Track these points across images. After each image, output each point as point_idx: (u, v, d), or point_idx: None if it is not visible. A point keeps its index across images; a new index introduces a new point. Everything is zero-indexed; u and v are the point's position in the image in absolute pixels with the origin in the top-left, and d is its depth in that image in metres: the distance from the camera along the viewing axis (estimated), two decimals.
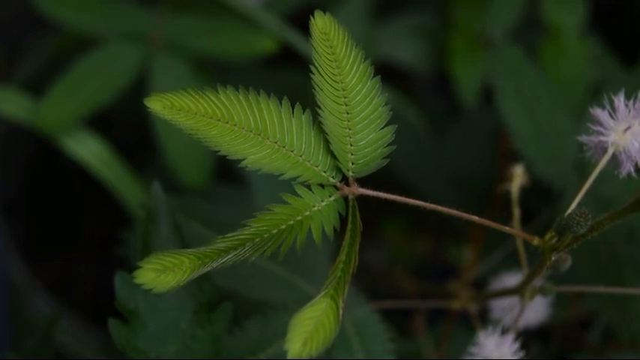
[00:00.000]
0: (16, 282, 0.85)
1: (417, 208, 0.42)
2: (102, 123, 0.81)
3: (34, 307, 0.84)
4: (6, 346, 0.83)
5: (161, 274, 0.37)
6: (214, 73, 0.81)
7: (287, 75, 0.85)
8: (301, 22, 0.79)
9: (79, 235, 0.99)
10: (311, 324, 0.37)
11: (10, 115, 0.77)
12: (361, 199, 0.41)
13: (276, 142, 0.40)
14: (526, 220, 0.58)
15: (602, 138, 0.41)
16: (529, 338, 0.60)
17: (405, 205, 0.42)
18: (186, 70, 0.78)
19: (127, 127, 0.89)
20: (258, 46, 0.78)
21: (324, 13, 0.43)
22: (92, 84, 0.77)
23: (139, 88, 0.77)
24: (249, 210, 0.67)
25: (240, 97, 0.40)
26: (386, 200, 0.41)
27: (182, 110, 0.39)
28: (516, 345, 0.49)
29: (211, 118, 0.39)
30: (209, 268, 0.38)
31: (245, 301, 0.56)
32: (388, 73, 0.87)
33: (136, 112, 0.75)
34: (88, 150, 0.77)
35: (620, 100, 0.42)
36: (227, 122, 0.40)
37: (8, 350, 0.81)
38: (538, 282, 0.49)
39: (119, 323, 0.47)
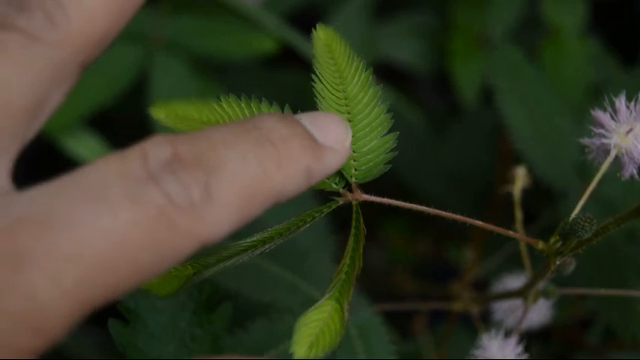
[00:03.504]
0: None
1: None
2: (102, 122, 0.81)
3: None
4: None
5: (166, 280, 0.37)
6: (214, 73, 0.81)
7: (287, 75, 0.85)
8: (301, 22, 0.79)
9: None
10: (317, 327, 0.37)
11: None
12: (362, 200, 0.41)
13: None
14: (527, 220, 0.58)
15: (604, 140, 0.41)
16: (529, 338, 0.60)
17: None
18: (186, 70, 0.78)
19: (128, 126, 0.89)
20: (258, 46, 0.78)
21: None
22: (92, 84, 0.77)
23: (140, 87, 0.77)
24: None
25: (243, 105, 0.40)
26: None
27: (185, 119, 0.39)
28: (519, 347, 0.49)
29: (213, 124, 0.40)
30: (210, 273, 0.39)
31: (248, 303, 0.56)
32: (388, 73, 0.87)
33: (136, 111, 0.75)
34: (89, 150, 0.77)
35: (621, 102, 0.41)
36: None
37: None
38: (541, 284, 0.49)
39: (119, 323, 0.47)
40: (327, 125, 0.38)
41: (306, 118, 0.37)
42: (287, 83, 0.83)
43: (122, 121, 0.89)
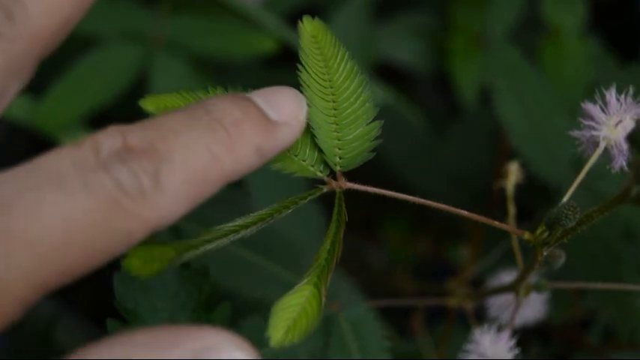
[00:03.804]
0: None
1: (417, 208, 0.42)
2: (102, 122, 0.81)
3: (35, 307, 0.84)
4: (6, 346, 0.83)
5: (147, 262, 0.37)
6: (214, 73, 0.81)
7: (287, 75, 0.85)
8: None
9: None
10: (294, 311, 0.37)
11: (10, 115, 0.77)
12: (362, 201, 0.42)
13: None
14: (525, 218, 0.58)
15: (593, 132, 0.42)
16: (529, 338, 0.60)
17: (406, 205, 0.42)
18: (186, 70, 0.78)
19: None
20: (258, 46, 0.78)
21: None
22: (92, 84, 0.77)
23: (140, 87, 0.77)
24: (248, 209, 0.67)
25: None
26: (386, 201, 0.42)
27: (165, 103, 0.40)
28: (512, 342, 0.49)
29: None
30: (193, 256, 0.39)
31: (244, 301, 0.57)
32: (388, 73, 0.87)
33: (136, 111, 0.75)
34: None
35: (611, 95, 0.42)
36: None
37: (8, 350, 0.81)
38: (534, 279, 0.49)
39: (118, 323, 0.47)
40: (280, 101, 0.39)
41: (259, 96, 0.39)
42: (287, 83, 0.83)
43: (122, 121, 0.89)
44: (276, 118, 0.38)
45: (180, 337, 0.32)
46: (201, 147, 0.35)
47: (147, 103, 0.41)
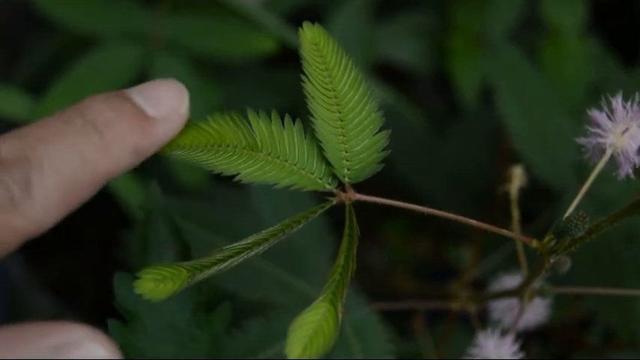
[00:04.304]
0: (16, 282, 0.85)
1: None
2: None
3: (35, 307, 0.84)
4: None
5: (160, 283, 0.37)
6: (214, 73, 0.81)
7: (287, 75, 0.85)
8: (301, 22, 0.79)
9: (80, 234, 0.99)
10: (310, 328, 0.37)
11: (10, 115, 0.77)
12: (361, 201, 0.41)
13: (269, 155, 0.40)
14: (527, 220, 0.58)
15: (600, 140, 0.41)
16: (529, 338, 0.60)
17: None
18: (186, 70, 0.78)
19: None
20: (258, 46, 0.78)
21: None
22: (92, 84, 0.77)
23: None
24: (250, 211, 0.67)
25: (229, 121, 0.40)
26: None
27: (174, 143, 0.40)
28: (516, 346, 0.49)
29: (205, 145, 0.40)
30: (205, 276, 0.39)
31: (245, 302, 0.56)
32: (388, 73, 0.87)
33: None
34: None
35: (618, 102, 0.42)
36: (219, 145, 0.40)
37: None
38: (537, 283, 0.49)
39: (118, 324, 0.47)
40: (159, 95, 0.38)
41: (137, 92, 0.38)
42: (287, 83, 0.83)
43: None
44: (153, 114, 0.37)
45: (39, 333, 0.32)
46: (72, 152, 0.35)
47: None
